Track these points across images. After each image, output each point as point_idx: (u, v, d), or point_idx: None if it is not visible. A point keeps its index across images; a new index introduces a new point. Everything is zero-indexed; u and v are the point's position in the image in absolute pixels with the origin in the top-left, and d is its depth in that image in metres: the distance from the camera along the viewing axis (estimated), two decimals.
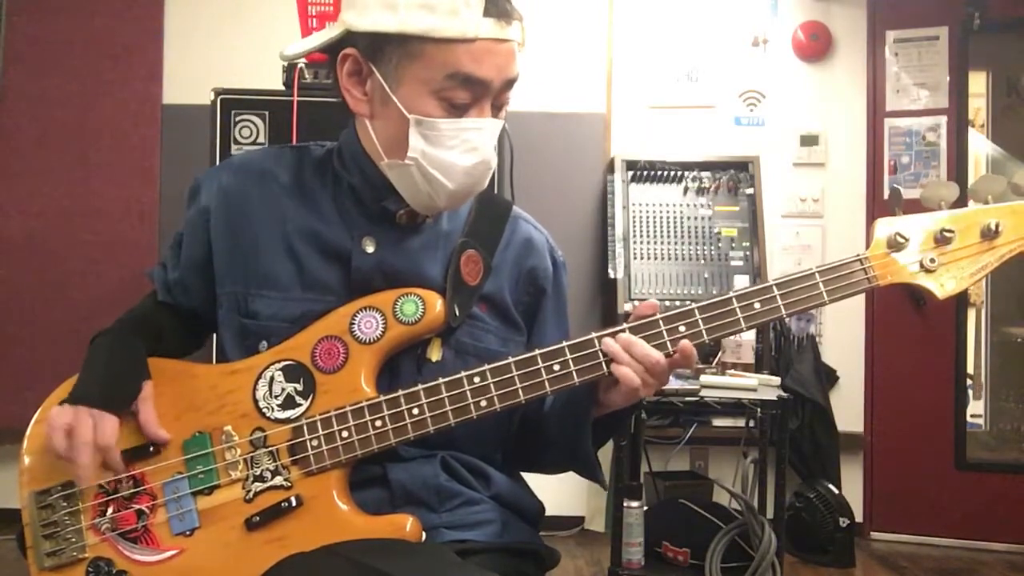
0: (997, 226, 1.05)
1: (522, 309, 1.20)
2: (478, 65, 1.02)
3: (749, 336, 2.35)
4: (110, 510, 1.05)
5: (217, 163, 2.39)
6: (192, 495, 1.05)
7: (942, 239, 1.06)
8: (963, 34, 3.32)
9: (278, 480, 1.03)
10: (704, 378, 2.28)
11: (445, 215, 1.17)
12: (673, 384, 2.26)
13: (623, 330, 1.04)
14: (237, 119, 2.43)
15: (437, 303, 1.08)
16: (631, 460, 2.63)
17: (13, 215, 3.28)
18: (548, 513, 1.25)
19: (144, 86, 3.33)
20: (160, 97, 3.34)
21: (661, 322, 1.04)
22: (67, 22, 3.31)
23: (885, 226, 1.07)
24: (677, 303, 3.04)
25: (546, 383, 1.03)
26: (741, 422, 2.71)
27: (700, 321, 1.04)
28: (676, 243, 3.17)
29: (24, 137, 3.29)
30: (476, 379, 1.03)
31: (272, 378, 1.07)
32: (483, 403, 1.03)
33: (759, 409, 2.50)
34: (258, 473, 1.04)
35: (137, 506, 1.05)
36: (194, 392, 1.09)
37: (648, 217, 3.21)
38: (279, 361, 1.08)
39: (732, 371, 2.33)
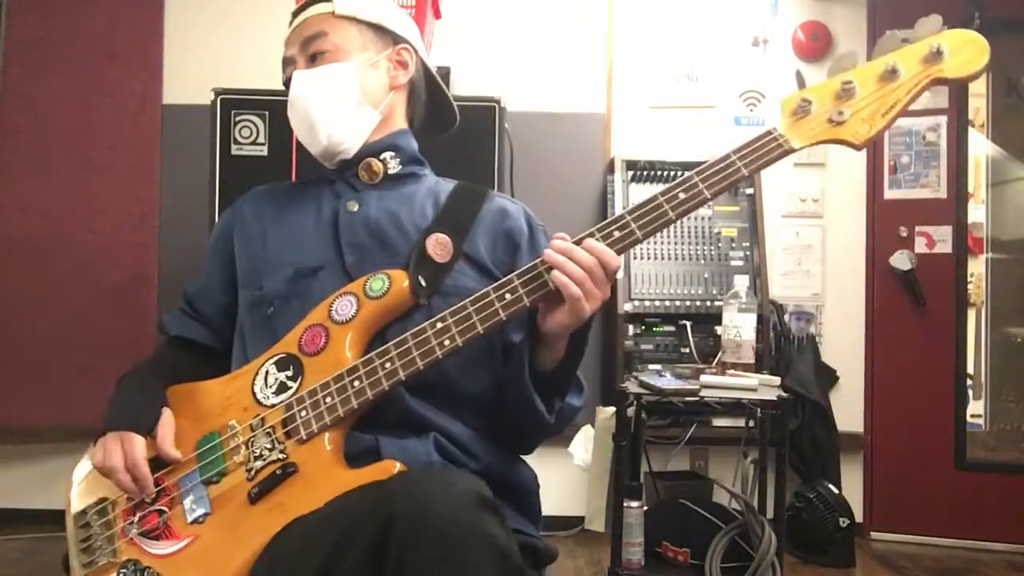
0: (895, 65, 1.13)
1: (502, 268, 1.27)
2: (285, 49, 1.38)
3: (749, 336, 2.34)
4: (137, 515, 1.15)
5: (217, 163, 2.41)
6: (203, 484, 1.13)
7: (844, 93, 1.12)
8: None
9: (274, 455, 1.11)
10: (704, 378, 2.28)
11: (424, 183, 1.36)
12: (673, 384, 2.26)
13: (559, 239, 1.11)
14: (237, 119, 2.43)
15: (403, 278, 1.19)
16: (631, 460, 2.63)
17: (13, 215, 3.27)
18: (548, 513, 1.25)
19: (144, 86, 3.33)
20: (160, 97, 3.34)
21: (596, 231, 1.11)
22: (67, 22, 3.31)
23: (789, 99, 1.14)
24: (677, 303, 3.05)
25: (499, 311, 1.11)
26: (741, 422, 2.71)
27: (631, 222, 1.11)
28: (676, 243, 3.17)
29: (24, 137, 3.29)
30: (438, 324, 1.12)
31: (267, 372, 1.18)
32: (446, 342, 1.10)
33: (759, 409, 2.50)
34: (257, 453, 1.12)
35: (158, 507, 1.14)
36: (205, 403, 1.21)
37: None
38: (272, 357, 1.19)
39: (732, 371, 2.32)
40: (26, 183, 3.28)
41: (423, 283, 1.19)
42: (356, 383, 1.11)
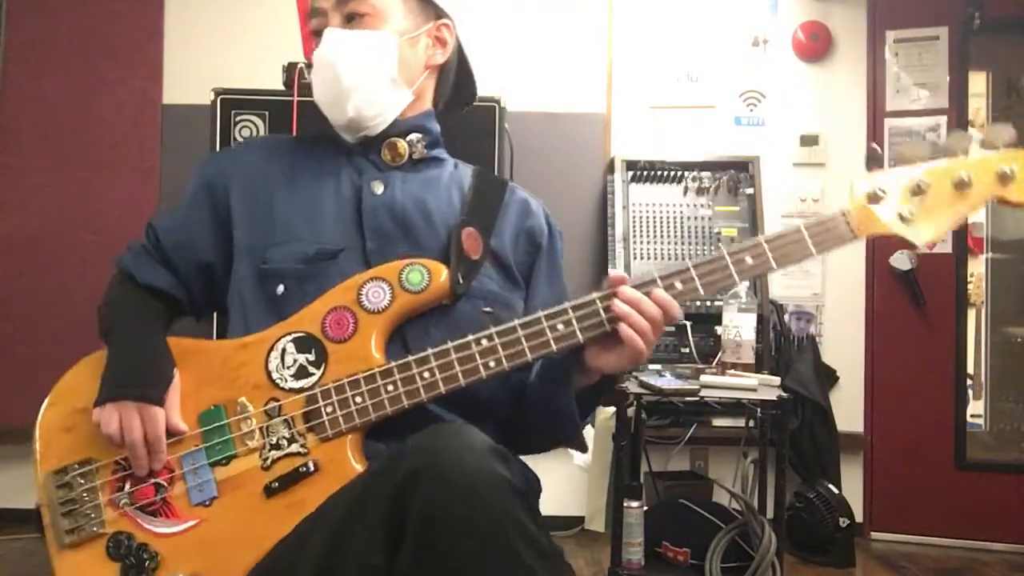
0: (969, 177, 1.11)
1: (521, 269, 1.26)
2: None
3: (749, 336, 2.34)
4: (127, 485, 1.07)
5: None
6: (210, 466, 1.07)
7: (917, 191, 1.13)
8: (963, 34, 3.32)
9: (294, 447, 1.06)
10: (704, 378, 2.28)
11: (448, 168, 1.31)
12: (673, 384, 2.26)
13: (622, 283, 1.08)
14: (237, 119, 2.43)
15: (443, 273, 1.13)
16: (631, 460, 2.63)
17: (13, 215, 3.27)
18: (548, 513, 1.24)
19: (144, 86, 3.32)
20: (160, 97, 3.33)
21: (659, 279, 1.09)
22: (67, 22, 3.31)
23: (864, 182, 1.14)
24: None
25: (551, 341, 1.07)
26: (741, 422, 2.71)
27: (695, 277, 1.09)
28: (676, 243, 3.17)
29: (24, 137, 3.29)
30: (483, 341, 1.07)
31: (284, 350, 1.10)
32: (491, 363, 1.07)
33: (759, 409, 2.50)
34: (274, 441, 1.07)
35: (156, 480, 1.08)
36: (207, 367, 1.12)
37: (648, 217, 3.21)
38: (289, 333, 1.11)
39: (732, 371, 2.32)
40: (26, 183, 3.28)
41: (460, 280, 1.15)
42: (390, 387, 1.06)
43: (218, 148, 2.43)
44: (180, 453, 1.08)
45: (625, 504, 2.33)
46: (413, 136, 1.27)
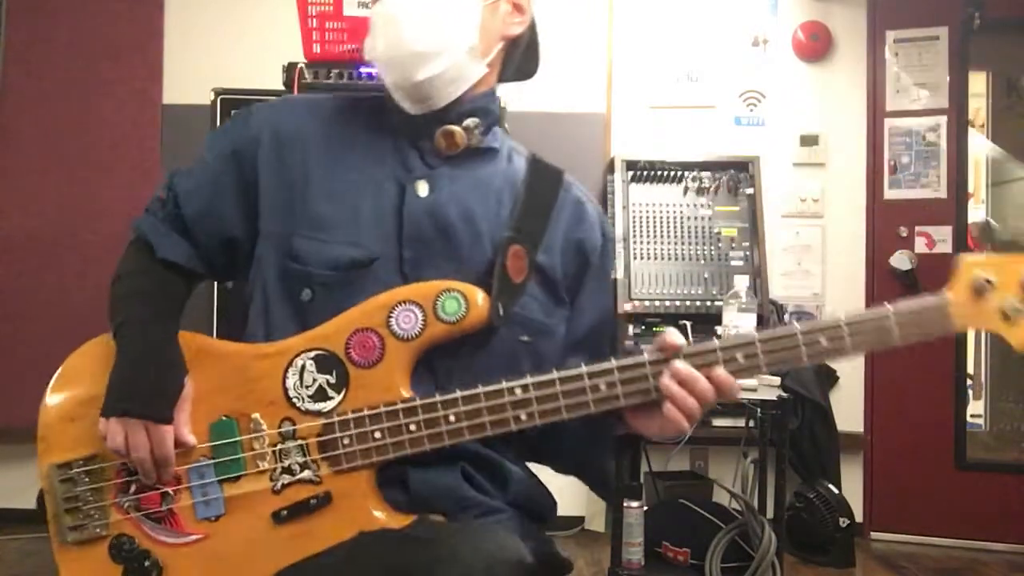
0: None
1: (567, 283, 1.16)
2: None
3: None
4: (132, 488, 1.04)
5: None
6: (218, 482, 1.03)
7: None
8: (963, 34, 3.32)
9: (307, 474, 1.02)
10: None
11: (501, 161, 1.17)
12: None
13: (676, 354, 0.99)
14: None
15: (479, 299, 1.04)
16: (631, 460, 2.63)
17: (13, 215, 3.27)
18: (556, 510, 1.24)
19: (144, 86, 3.32)
20: (160, 97, 3.34)
21: (719, 349, 0.99)
22: (67, 22, 3.31)
23: (972, 266, 1.01)
24: (677, 303, 3.05)
25: (591, 403, 1.00)
26: (741, 422, 2.70)
27: (760, 352, 0.99)
28: (676, 243, 3.17)
29: (24, 137, 3.29)
30: (517, 391, 1.00)
31: (303, 367, 1.04)
32: (523, 417, 1.00)
33: (759, 409, 2.50)
34: (287, 465, 1.02)
35: (163, 488, 1.04)
36: (221, 374, 1.06)
37: (648, 217, 3.21)
38: (311, 350, 1.04)
39: None
40: (26, 183, 3.28)
41: (501, 311, 1.05)
42: (412, 427, 1.00)
43: None
44: (188, 465, 1.04)
45: (625, 504, 2.33)
46: (471, 121, 1.12)
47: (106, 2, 3.32)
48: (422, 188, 1.10)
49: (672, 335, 1.01)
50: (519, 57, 1.22)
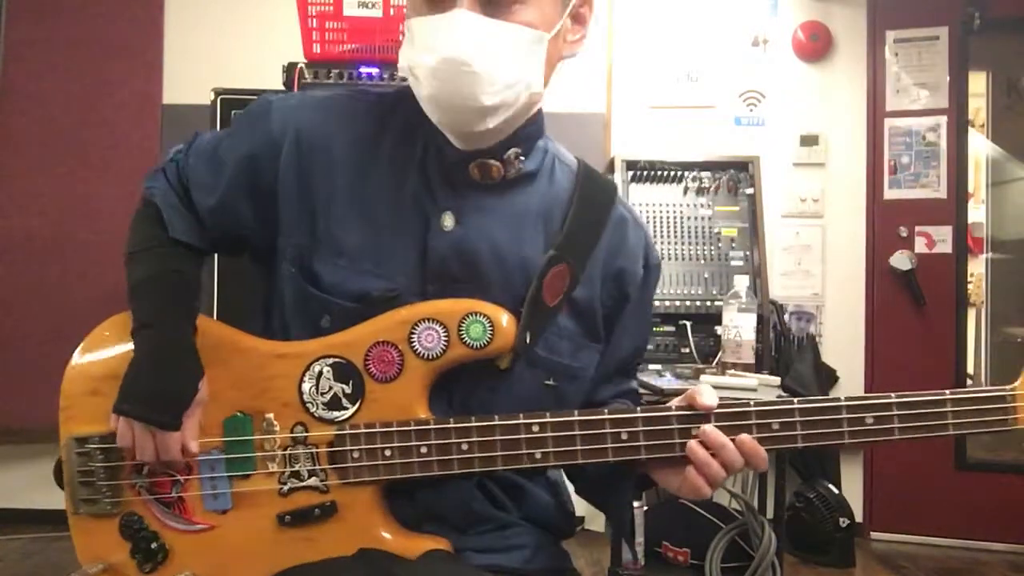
0: None
1: (603, 314, 1.10)
2: None
3: (749, 336, 2.34)
4: (145, 470, 1.04)
5: None
6: (228, 477, 1.04)
7: None
8: (963, 34, 3.32)
9: (314, 481, 1.02)
10: (704, 378, 2.27)
11: (541, 184, 1.07)
12: (673, 384, 2.26)
13: (706, 417, 0.95)
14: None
15: (507, 328, 1.00)
16: None
17: (13, 215, 3.27)
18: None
19: (144, 86, 3.33)
20: (160, 97, 3.34)
21: (753, 413, 0.95)
22: (67, 22, 3.31)
23: None
24: (677, 303, 3.05)
25: (610, 451, 0.97)
26: None
27: (799, 424, 0.95)
28: (676, 243, 3.17)
29: (24, 137, 3.29)
30: (535, 428, 0.97)
31: (320, 373, 1.02)
32: (538, 456, 0.97)
33: None
34: (295, 469, 1.02)
35: (173, 474, 1.05)
36: (239, 369, 1.05)
37: (648, 217, 3.20)
38: (329, 356, 1.02)
39: (732, 371, 2.32)
40: (26, 183, 3.28)
41: (528, 339, 1.01)
42: (423, 449, 0.99)
43: None
44: (199, 456, 1.04)
45: None
46: (512, 152, 1.04)
47: (106, 2, 3.32)
48: (448, 220, 1.03)
49: (705, 395, 0.95)
50: None
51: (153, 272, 1.08)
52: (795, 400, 0.95)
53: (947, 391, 0.93)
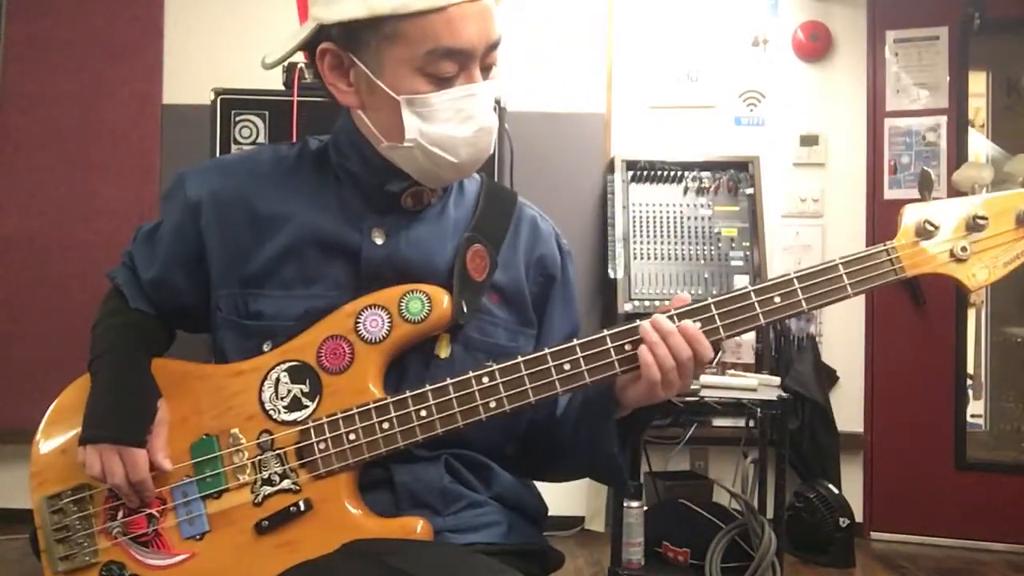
0: None
1: (532, 301, 1.17)
2: (456, 34, 0.99)
3: (749, 336, 2.35)
4: (120, 514, 1.06)
5: None
6: (201, 499, 1.05)
7: (974, 226, 1.00)
8: (963, 34, 3.32)
9: (286, 483, 1.03)
10: (704, 378, 2.28)
11: (451, 200, 1.16)
12: None
13: (634, 330, 1.00)
14: (237, 119, 2.43)
15: (444, 300, 1.06)
16: (631, 460, 2.63)
17: (13, 215, 3.27)
18: (548, 513, 1.25)
19: (144, 86, 3.33)
20: (160, 97, 3.34)
21: (674, 315, 1.00)
22: (67, 22, 3.31)
23: (914, 212, 1.01)
24: None
25: (556, 383, 1.02)
26: (741, 422, 2.71)
27: (716, 317, 1.01)
28: (676, 243, 3.17)
29: (24, 137, 3.29)
30: (484, 379, 1.02)
31: (278, 379, 1.06)
32: (492, 404, 1.02)
33: (759, 409, 2.50)
34: (266, 476, 1.04)
35: (147, 511, 1.06)
36: (200, 394, 1.09)
37: (648, 217, 3.21)
38: (285, 362, 1.06)
39: (732, 371, 2.33)
40: (26, 183, 3.28)
41: (465, 308, 1.07)
42: (385, 425, 1.02)
43: (218, 148, 2.43)
44: (171, 485, 1.06)
45: (625, 504, 2.33)
46: None
47: (106, 2, 3.32)
48: (378, 236, 1.09)
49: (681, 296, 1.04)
50: None
51: (110, 324, 1.16)
52: (709, 297, 1.02)
53: (837, 258, 1.01)
